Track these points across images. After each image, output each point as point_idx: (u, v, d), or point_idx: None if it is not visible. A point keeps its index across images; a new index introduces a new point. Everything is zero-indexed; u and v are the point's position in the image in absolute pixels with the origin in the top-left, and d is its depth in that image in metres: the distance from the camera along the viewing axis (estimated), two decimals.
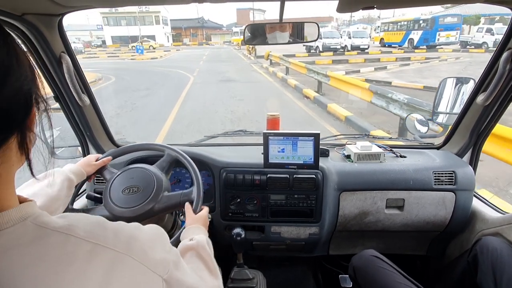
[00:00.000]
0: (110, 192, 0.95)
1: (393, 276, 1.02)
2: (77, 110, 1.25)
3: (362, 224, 1.36)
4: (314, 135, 1.22)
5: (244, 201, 1.33)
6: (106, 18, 43.28)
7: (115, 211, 0.90)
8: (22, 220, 0.38)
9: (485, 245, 1.04)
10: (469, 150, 1.39)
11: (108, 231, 0.43)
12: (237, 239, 1.25)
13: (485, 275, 0.99)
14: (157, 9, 42.48)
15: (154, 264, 0.45)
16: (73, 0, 0.90)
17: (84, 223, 0.42)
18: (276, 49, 15.40)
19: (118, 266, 0.40)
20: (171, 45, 46.83)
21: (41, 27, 0.97)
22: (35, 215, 0.40)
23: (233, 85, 9.87)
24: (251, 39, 1.19)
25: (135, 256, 0.43)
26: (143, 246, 0.45)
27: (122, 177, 0.98)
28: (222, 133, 1.70)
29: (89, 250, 0.39)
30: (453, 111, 1.45)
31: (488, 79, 1.17)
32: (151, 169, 1.00)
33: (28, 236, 0.38)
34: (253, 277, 1.34)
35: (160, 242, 0.50)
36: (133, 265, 0.42)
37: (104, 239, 0.41)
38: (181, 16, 63.15)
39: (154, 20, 44.32)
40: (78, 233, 0.40)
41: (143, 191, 0.94)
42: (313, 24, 1.15)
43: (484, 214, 1.28)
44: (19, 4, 0.86)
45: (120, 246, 0.42)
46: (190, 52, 30.78)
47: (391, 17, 29.35)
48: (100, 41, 43.48)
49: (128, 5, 0.97)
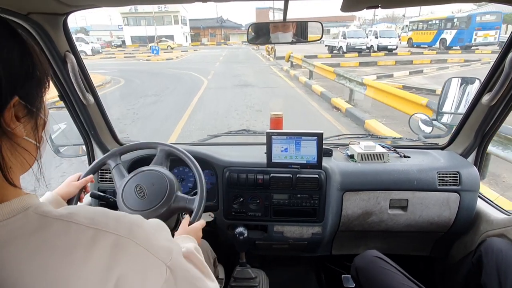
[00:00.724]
0: (123, 197, 0.95)
1: (396, 277, 1.01)
2: (82, 109, 1.25)
3: (365, 224, 1.35)
4: (317, 134, 1.21)
5: (247, 200, 1.33)
6: (126, 18, 42.94)
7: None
8: (23, 210, 0.39)
9: (489, 246, 1.03)
10: (474, 151, 1.37)
11: (110, 218, 0.43)
12: (239, 238, 1.25)
13: (490, 277, 0.98)
14: (176, 9, 42.13)
15: (156, 249, 0.45)
16: (77, 0, 0.91)
17: (85, 211, 0.42)
18: (295, 49, 14.60)
19: (120, 250, 0.40)
20: (189, 45, 46.12)
21: (46, 26, 0.98)
22: (36, 205, 0.41)
23: (250, 91, 8.78)
24: (254, 38, 1.19)
25: (138, 241, 0.42)
26: (146, 233, 0.45)
27: (133, 181, 0.99)
28: (225, 132, 1.70)
29: (91, 236, 0.39)
30: (458, 111, 1.44)
31: (493, 79, 1.16)
32: (162, 171, 1.01)
33: (30, 226, 0.38)
34: (255, 276, 1.34)
35: (162, 232, 0.50)
36: (136, 249, 0.42)
37: (105, 225, 0.41)
38: (200, 15, 62.90)
39: (173, 20, 43.75)
40: (79, 220, 0.40)
41: (157, 193, 0.95)
42: (317, 24, 1.15)
43: (488, 215, 1.27)
44: (25, 4, 0.87)
45: (122, 230, 0.42)
46: (208, 52, 29.56)
47: (417, 15, 27.75)
48: (120, 41, 43.37)
49: (132, 4, 0.98)
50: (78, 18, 54.31)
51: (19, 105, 0.39)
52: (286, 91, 8.90)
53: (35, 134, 0.43)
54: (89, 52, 23.90)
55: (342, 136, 1.61)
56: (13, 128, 0.38)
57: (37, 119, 0.43)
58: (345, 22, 48.09)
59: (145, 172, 1.01)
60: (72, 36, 1.12)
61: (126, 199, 0.95)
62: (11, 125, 0.38)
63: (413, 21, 25.48)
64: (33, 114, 0.42)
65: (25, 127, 0.41)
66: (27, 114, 0.41)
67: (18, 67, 0.39)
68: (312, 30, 1.15)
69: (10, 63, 0.38)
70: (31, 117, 0.42)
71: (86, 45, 24.19)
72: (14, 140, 0.40)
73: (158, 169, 1.01)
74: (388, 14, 53.42)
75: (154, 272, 0.44)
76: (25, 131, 0.41)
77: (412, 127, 1.65)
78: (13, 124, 0.38)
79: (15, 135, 0.39)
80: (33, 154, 0.44)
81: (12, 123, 0.38)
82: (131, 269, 0.41)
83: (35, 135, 0.43)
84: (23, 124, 0.40)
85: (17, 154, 0.41)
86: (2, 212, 0.38)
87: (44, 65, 0.43)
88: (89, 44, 25.06)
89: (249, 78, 11.28)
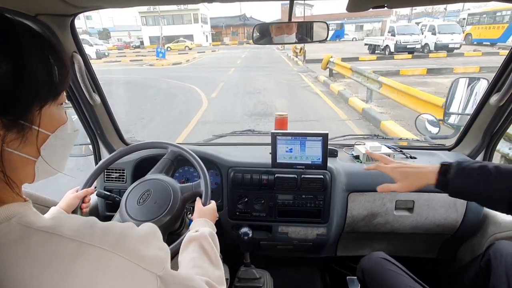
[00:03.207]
0: (126, 207, 0.95)
1: (402, 279, 1.00)
2: (88, 109, 1.27)
3: (371, 226, 1.34)
4: (322, 135, 1.21)
5: (252, 200, 1.33)
6: (144, 17, 40.99)
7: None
8: (7, 220, 0.39)
9: (498, 249, 1.02)
10: (481, 152, 1.35)
11: (96, 229, 0.41)
12: (244, 238, 1.25)
13: (499, 281, 0.96)
14: (196, 7, 39.27)
15: (147, 261, 0.44)
16: (84, 1, 0.92)
17: (71, 223, 0.41)
18: (325, 48, 11.34)
19: (105, 265, 0.39)
20: (209, 44, 44.27)
21: (54, 27, 0.99)
22: (20, 215, 0.40)
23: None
24: (259, 38, 1.20)
25: (124, 255, 0.41)
26: (135, 243, 0.43)
27: (136, 191, 0.99)
28: (230, 133, 1.70)
29: (74, 249, 0.38)
30: (466, 112, 1.42)
31: (502, 79, 1.14)
32: (165, 179, 1.01)
33: (12, 236, 0.38)
34: (260, 277, 1.34)
35: (153, 239, 0.49)
36: (123, 264, 0.41)
37: (89, 237, 0.40)
38: (222, 13, 58.16)
39: (193, 18, 41.78)
40: (63, 232, 0.39)
41: (161, 202, 0.94)
42: (322, 24, 1.15)
43: (497, 217, 1.24)
44: (33, 5, 0.88)
45: (108, 244, 0.40)
46: (226, 53, 25.94)
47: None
48: (139, 41, 41.45)
49: (138, 5, 0.99)
50: (105, 18, 54.08)
51: (7, 122, 0.38)
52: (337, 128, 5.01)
53: (23, 147, 0.42)
54: (93, 55, 21.02)
55: (348, 137, 1.60)
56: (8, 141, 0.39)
57: (26, 132, 0.41)
58: (380, 17, 41.20)
59: (148, 181, 1.01)
60: (79, 37, 1.13)
61: (129, 208, 0.94)
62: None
63: (473, 13, 20.93)
64: (23, 128, 0.40)
65: (9, 138, 0.40)
66: (7, 126, 0.39)
67: (7, 85, 0.38)
68: (318, 30, 1.15)
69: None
70: (14, 128, 0.40)
71: (90, 47, 21.03)
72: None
73: (160, 177, 1.01)
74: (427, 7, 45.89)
75: (144, 285, 0.43)
76: (19, 145, 0.41)
77: (418, 127, 1.64)
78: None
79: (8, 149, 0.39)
80: (28, 169, 0.44)
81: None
82: (118, 283, 0.39)
83: (23, 148, 0.42)
84: (13, 140, 0.40)
85: (13, 166, 0.41)
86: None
87: (38, 79, 0.41)
88: (93, 47, 22.04)
89: (271, 97, 7.56)
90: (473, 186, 0.78)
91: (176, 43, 33.47)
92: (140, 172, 1.36)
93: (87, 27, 47.36)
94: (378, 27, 41.45)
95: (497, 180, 0.75)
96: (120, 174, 1.38)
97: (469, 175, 0.79)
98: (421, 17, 32.19)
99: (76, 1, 0.88)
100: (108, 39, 43.12)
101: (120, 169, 1.37)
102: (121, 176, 1.38)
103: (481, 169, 0.78)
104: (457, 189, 0.81)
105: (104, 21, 52.22)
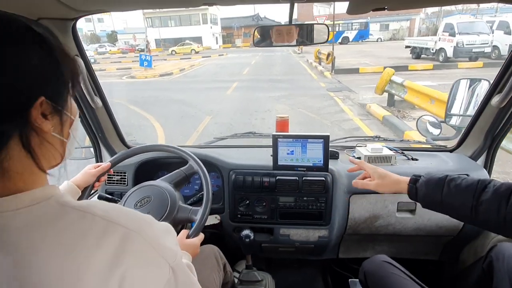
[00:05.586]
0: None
1: (405, 283, 1.00)
2: (90, 112, 1.27)
3: (373, 228, 1.33)
4: (323, 137, 1.21)
5: (253, 203, 1.33)
6: (150, 18, 37.44)
7: None
8: (46, 199, 0.42)
9: (501, 251, 1.01)
10: (483, 153, 1.35)
11: (123, 212, 0.46)
12: (245, 241, 1.24)
13: (502, 283, 0.95)
14: (205, 7, 37.45)
15: (163, 249, 0.46)
16: (86, 5, 0.93)
17: (102, 204, 0.46)
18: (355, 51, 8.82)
19: (128, 242, 0.42)
20: (219, 47, 39.90)
21: (56, 31, 1.00)
22: (58, 195, 0.44)
23: None
24: (260, 41, 1.20)
25: (146, 237, 0.44)
26: (154, 232, 0.47)
27: (134, 197, 0.99)
28: (231, 135, 1.70)
29: (103, 226, 0.42)
30: (467, 113, 1.41)
31: (503, 80, 1.14)
32: (162, 185, 1.01)
33: (52, 214, 0.42)
34: (261, 279, 1.34)
35: (169, 235, 0.52)
36: (143, 244, 0.44)
37: (117, 218, 0.44)
38: (234, 14, 53.08)
39: (201, 19, 37.77)
40: (95, 211, 0.43)
41: (158, 208, 0.94)
42: (322, 27, 1.15)
43: None
44: (35, 9, 0.89)
45: (132, 225, 0.44)
46: (234, 58, 21.92)
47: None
48: (145, 44, 38.91)
49: (139, 9, 0.99)
50: (116, 20, 52.93)
51: (46, 104, 0.42)
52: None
53: (62, 130, 0.46)
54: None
55: (349, 139, 1.59)
56: (40, 124, 0.41)
57: (62, 116, 0.46)
58: (408, 15, 35.37)
59: (154, 187, 1.01)
60: (81, 40, 1.14)
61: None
62: (38, 122, 0.41)
63: None
64: (59, 112, 0.45)
65: (52, 123, 0.44)
66: (53, 112, 0.43)
67: (44, 70, 0.42)
68: (318, 33, 1.15)
69: (36, 67, 0.41)
70: (56, 115, 0.45)
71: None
72: (42, 136, 0.43)
73: (167, 188, 1.01)
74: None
75: (158, 270, 0.46)
76: (52, 127, 0.44)
77: (420, 129, 1.63)
78: (39, 121, 0.41)
79: (42, 131, 0.42)
80: (60, 149, 0.47)
81: (39, 120, 0.41)
82: (136, 263, 0.42)
83: (62, 132, 0.46)
84: (49, 121, 0.43)
85: (44, 148, 0.44)
86: (28, 198, 0.41)
87: (69, 66, 0.46)
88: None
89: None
90: (435, 195, 0.84)
91: (181, 46, 31.17)
92: (142, 175, 1.36)
93: (95, 28, 47.01)
94: (406, 26, 36.70)
95: (455, 189, 0.81)
96: (121, 177, 1.38)
97: (431, 183, 0.86)
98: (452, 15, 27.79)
99: (78, 5, 0.89)
100: (115, 42, 42.50)
101: (122, 172, 1.38)
102: (122, 179, 1.38)
103: (440, 180, 0.85)
104: (424, 197, 0.87)
105: (118, 23, 51.29)
